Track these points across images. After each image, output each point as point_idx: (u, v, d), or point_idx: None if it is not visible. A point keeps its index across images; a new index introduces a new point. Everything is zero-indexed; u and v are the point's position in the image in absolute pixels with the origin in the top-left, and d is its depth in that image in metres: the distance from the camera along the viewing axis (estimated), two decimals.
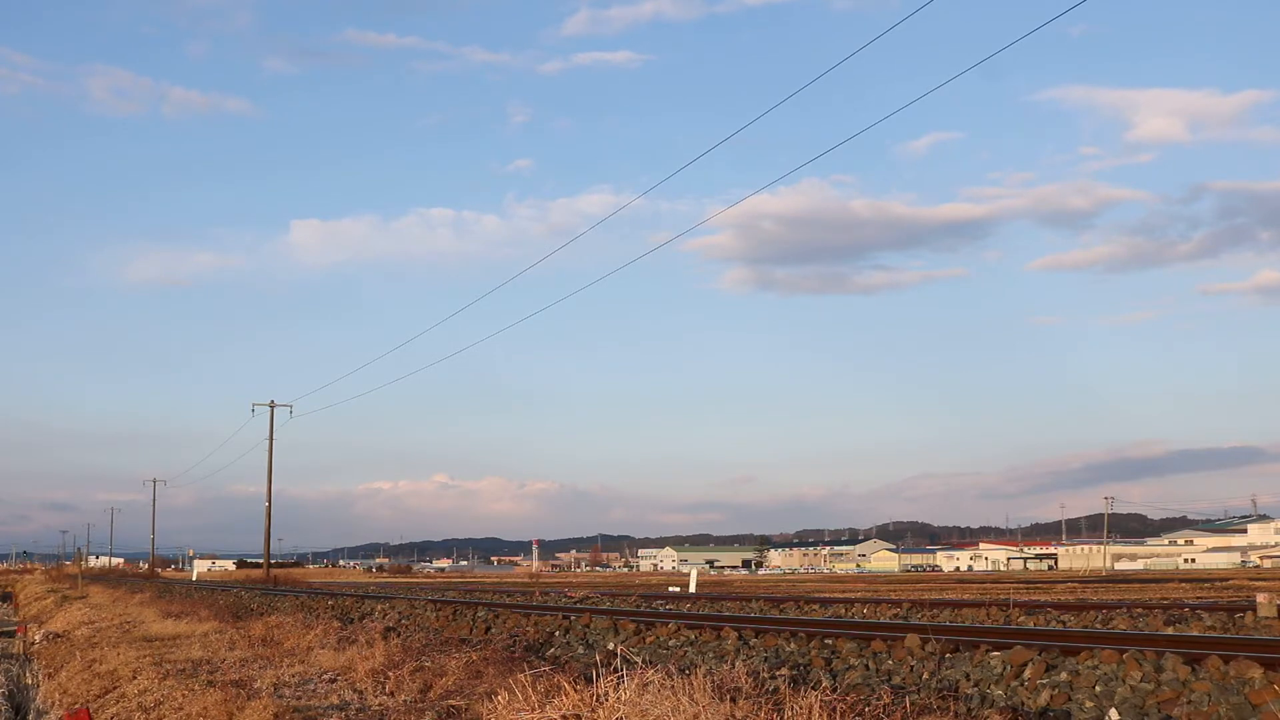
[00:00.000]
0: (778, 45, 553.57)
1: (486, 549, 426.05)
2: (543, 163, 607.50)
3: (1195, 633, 20.97)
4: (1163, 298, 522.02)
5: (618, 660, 10.97)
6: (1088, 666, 12.19)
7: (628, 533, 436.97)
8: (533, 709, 9.96)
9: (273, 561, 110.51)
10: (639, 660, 11.99)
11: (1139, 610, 28.40)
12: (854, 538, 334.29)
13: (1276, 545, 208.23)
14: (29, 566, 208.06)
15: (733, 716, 9.10)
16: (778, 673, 13.78)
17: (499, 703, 10.54)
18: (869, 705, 10.01)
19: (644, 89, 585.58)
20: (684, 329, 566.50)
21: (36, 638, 32.40)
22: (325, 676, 15.87)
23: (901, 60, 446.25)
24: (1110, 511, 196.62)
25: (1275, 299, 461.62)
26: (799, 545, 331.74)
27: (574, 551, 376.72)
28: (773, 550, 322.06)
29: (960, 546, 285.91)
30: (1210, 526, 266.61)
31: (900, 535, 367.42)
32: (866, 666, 14.45)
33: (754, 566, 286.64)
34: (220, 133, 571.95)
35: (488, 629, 24.63)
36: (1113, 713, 10.81)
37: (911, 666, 14.07)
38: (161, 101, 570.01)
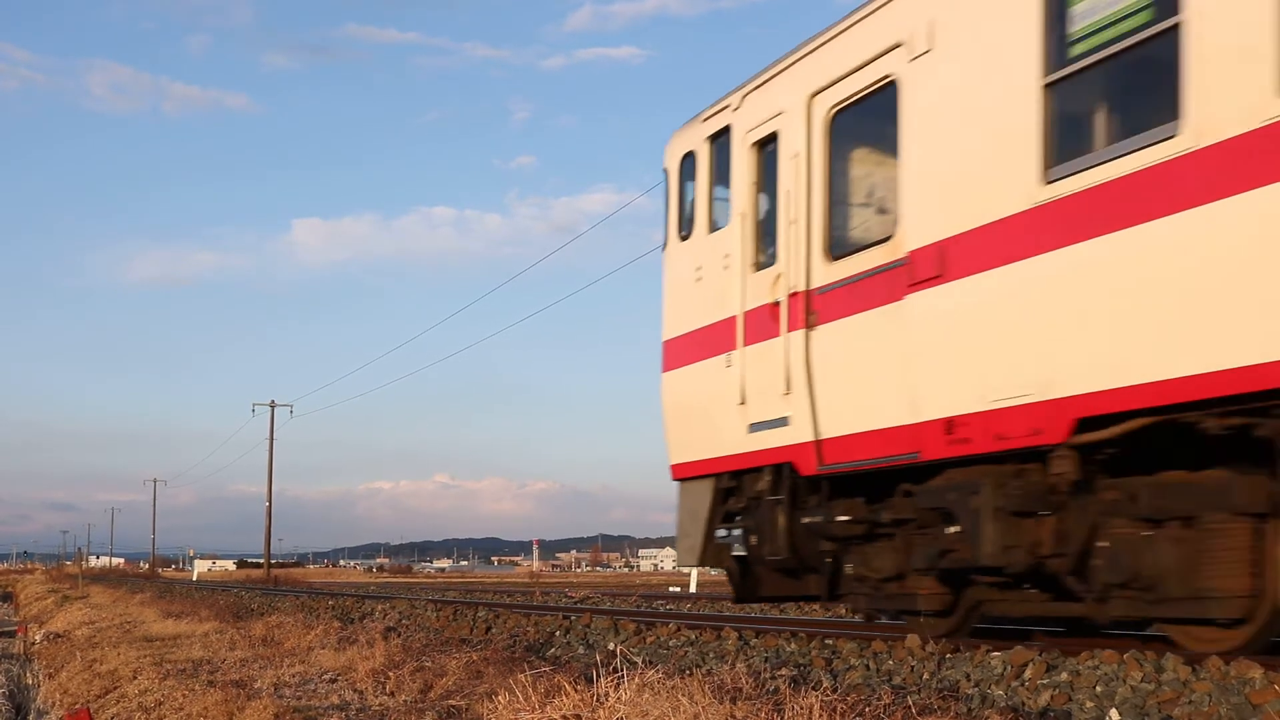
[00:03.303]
0: (781, 42, 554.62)
1: (487, 549, 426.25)
2: (545, 160, 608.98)
3: None
4: None
5: (618, 660, 10.98)
6: (1088, 667, 12.19)
7: (628, 533, 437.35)
8: (533, 709, 9.97)
9: (273, 561, 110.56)
10: (639, 660, 11.99)
11: None
12: None
13: None
14: (29, 566, 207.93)
15: (733, 717, 9.11)
16: (778, 673, 13.79)
17: (499, 703, 10.55)
18: (869, 705, 10.01)
19: (647, 85, 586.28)
20: None
21: (37, 638, 32.41)
22: (326, 676, 15.88)
23: None
24: None
25: None
26: None
27: (574, 551, 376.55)
28: None
29: None
30: None
31: None
32: (867, 667, 14.45)
33: None
34: (221, 129, 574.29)
35: (488, 629, 24.62)
36: (1113, 713, 10.82)
37: (912, 667, 14.07)
38: (162, 97, 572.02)
